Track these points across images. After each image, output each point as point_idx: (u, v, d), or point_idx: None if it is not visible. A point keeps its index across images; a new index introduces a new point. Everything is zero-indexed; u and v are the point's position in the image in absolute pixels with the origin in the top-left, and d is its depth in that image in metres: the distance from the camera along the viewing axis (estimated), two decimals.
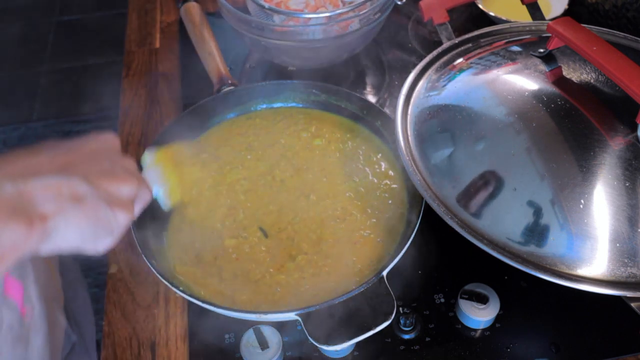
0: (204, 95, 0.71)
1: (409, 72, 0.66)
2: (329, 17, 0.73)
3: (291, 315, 0.49)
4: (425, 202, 0.54)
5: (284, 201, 0.62)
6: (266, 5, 0.75)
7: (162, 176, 0.52)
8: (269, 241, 0.58)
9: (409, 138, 0.61)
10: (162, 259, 0.56)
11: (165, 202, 0.53)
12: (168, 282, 0.52)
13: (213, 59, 0.73)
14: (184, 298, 0.58)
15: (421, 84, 0.66)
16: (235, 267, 0.56)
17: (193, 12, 0.78)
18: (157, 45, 0.89)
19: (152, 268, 0.53)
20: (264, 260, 0.57)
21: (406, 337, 0.55)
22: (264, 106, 0.72)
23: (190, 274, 0.56)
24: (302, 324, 0.48)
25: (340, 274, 0.56)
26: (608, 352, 0.54)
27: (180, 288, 0.52)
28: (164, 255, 0.57)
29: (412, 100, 0.65)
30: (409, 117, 0.64)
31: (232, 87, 0.70)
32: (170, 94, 0.82)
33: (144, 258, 0.53)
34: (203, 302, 0.51)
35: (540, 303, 0.57)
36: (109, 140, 0.45)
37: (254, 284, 0.55)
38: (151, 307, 0.58)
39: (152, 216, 0.60)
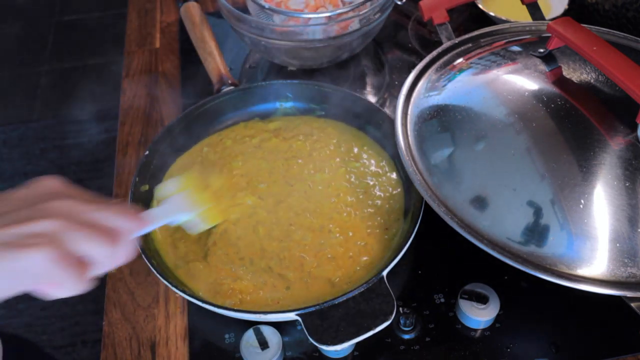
0: (204, 95, 0.71)
1: (409, 72, 0.66)
2: (329, 17, 0.73)
3: (291, 315, 0.49)
4: (425, 202, 0.54)
5: (282, 202, 0.62)
6: (266, 5, 0.75)
7: (193, 199, 0.49)
8: (266, 241, 0.58)
9: (409, 138, 0.61)
10: (162, 259, 0.56)
11: (198, 226, 0.50)
12: (168, 282, 0.52)
13: (213, 58, 0.73)
14: (184, 298, 0.58)
15: (421, 84, 0.66)
16: (232, 266, 0.56)
17: (193, 12, 0.78)
18: (157, 45, 0.89)
19: (152, 268, 0.53)
20: (261, 259, 0.57)
21: (406, 337, 0.54)
22: (263, 107, 0.72)
23: (190, 273, 0.56)
24: (302, 324, 0.48)
25: (340, 273, 0.56)
26: (608, 352, 0.54)
27: (180, 288, 0.52)
28: (163, 255, 0.57)
29: (412, 100, 0.65)
30: (409, 117, 0.64)
31: (232, 87, 0.70)
32: (170, 94, 0.82)
33: (144, 258, 0.53)
34: (203, 302, 0.51)
35: (541, 303, 0.57)
36: (46, 185, 0.39)
37: (252, 283, 0.55)
38: (151, 307, 0.58)
39: None
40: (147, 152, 0.63)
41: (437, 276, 0.59)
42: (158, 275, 0.52)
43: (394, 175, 0.64)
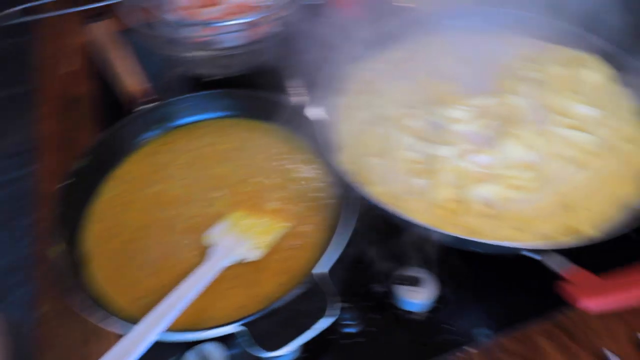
0: (124, 115, 0.69)
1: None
2: (243, 23, 0.73)
3: (233, 327, 0.49)
4: (355, 197, 0.55)
5: (211, 213, 0.61)
6: (178, 17, 0.74)
7: (243, 234, 0.56)
8: (197, 255, 0.58)
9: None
10: (89, 292, 0.54)
11: (256, 254, 0.55)
12: (103, 317, 0.50)
13: (128, 77, 0.72)
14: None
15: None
16: (159, 285, 0.55)
17: (103, 31, 0.76)
18: (70, 68, 0.86)
19: (81, 304, 0.51)
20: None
21: (350, 330, 0.55)
22: (187, 120, 0.71)
23: (122, 300, 0.54)
24: (243, 334, 0.48)
25: (276, 279, 0.56)
26: (539, 311, 0.56)
27: (114, 320, 0.50)
28: (91, 288, 0.55)
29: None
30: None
31: (151, 104, 0.69)
32: (90, 117, 0.79)
33: (72, 295, 0.51)
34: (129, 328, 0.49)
35: (473, 278, 0.59)
36: None
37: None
38: (84, 346, 0.56)
39: (72, 252, 0.58)
40: (67, 181, 0.60)
41: (375, 267, 0.59)
42: (89, 311, 0.50)
43: (319, 173, 0.64)
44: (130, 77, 0.72)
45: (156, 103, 0.69)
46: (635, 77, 0.64)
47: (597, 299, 0.43)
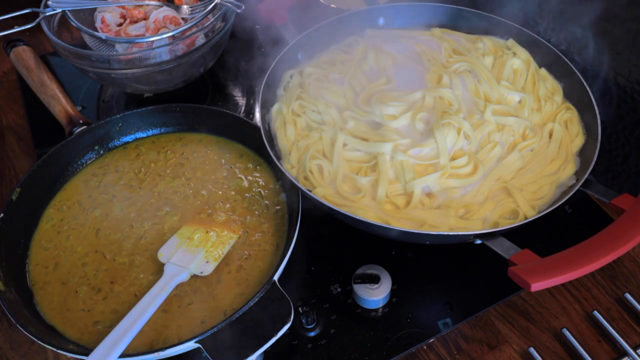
0: (58, 141, 0.67)
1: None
2: (173, 36, 0.72)
3: (191, 345, 0.48)
4: (304, 206, 0.55)
5: (161, 230, 0.60)
6: (103, 36, 0.72)
7: (195, 249, 0.56)
8: (148, 275, 0.56)
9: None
10: (39, 323, 0.52)
11: (207, 268, 0.55)
12: (55, 347, 0.48)
13: (58, 101, 0.69)
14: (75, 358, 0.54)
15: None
16: (111, 309, 0.54)
17: (25, 56, 0.73)
18: None
19: (33, 337, 0.49)
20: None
21: (312, 334, 0.55)
22: (124, 139, 0.69)
23: (72, 329, 0.53)
24: (204, 350, 0.47)
25: (235, 290, 0.55)
26: (495, 295, 0.58)
27: (70, 347, 0.49)
28: (40, 319, 0.53)
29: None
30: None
31: (84, 127, 0.67)
32: (21, 146, 0.76)
33: (21, 328, 0.49)
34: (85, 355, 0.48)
35: (428, 269, 0.60)
36: None
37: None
38: None
39: (16, 284, 0.55)
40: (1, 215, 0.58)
41: (329, 268, 0.60)
42: (42, 343, 0.48)
43: (271, 182, 0.64)
44: (59, 103, 0.69)
45: (90, 125, 0.67)
46: (554, 60, 0.67)
47: (543, 279, 0.44)
